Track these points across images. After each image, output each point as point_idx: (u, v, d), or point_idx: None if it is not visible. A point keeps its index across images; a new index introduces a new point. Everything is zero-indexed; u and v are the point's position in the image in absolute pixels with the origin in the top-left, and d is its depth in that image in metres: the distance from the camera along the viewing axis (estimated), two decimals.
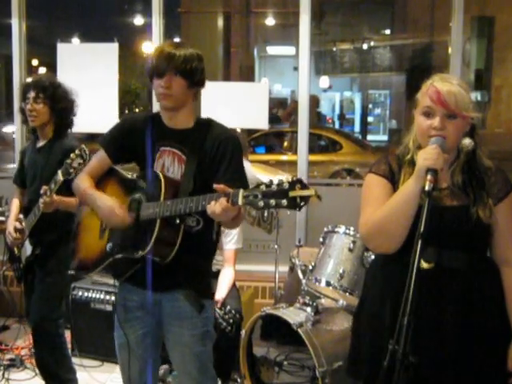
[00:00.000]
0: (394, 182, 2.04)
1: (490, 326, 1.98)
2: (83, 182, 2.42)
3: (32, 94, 3.16)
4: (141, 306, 2.39)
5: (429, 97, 1.94)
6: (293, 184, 1.80)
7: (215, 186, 1.97)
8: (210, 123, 2.36)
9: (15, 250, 3.29)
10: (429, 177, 1.80)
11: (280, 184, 1.82)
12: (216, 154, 2.27)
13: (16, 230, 3.21)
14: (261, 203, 1.84)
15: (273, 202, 1.82)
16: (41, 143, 3.26)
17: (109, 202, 2.27)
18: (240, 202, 1.89)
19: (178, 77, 2.23)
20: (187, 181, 2.24)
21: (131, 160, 2.44)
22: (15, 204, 3.38)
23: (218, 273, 3.66)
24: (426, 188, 1.79)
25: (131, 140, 2.36)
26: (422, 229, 1.73)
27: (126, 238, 2.26)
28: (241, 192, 1.90)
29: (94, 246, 2.41)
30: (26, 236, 3.20)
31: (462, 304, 1.97)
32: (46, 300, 3.19)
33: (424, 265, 1.94)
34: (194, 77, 2.26)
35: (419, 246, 1.71)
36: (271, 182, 1.85)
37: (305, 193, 1.80)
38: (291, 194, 1.80)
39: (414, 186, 1.87)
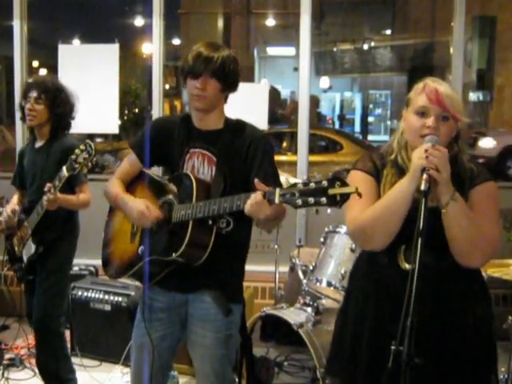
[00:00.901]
0: (378, 179, 2.03)
1: (467, 326, 1.98)
2: (114, 187, 2.41)
3: (34, 94, 3.16)
4: (166, 307, 2.37)
5: (426, 96, 1.94)
6: (332, 181, 1.79)
7: (255, 181, 1.95)
8: (239, 124, 2.36)
9: (16, 249, 3.30)
10: (424, 176, 1.80)
11: (318, 182, 1.81)
12: (247, 154, 2.26)
13: (13, 211, 3.20)
14: (299, 201, 1.82)
15: (311, 199, 1.80)
16: (39, 143, 3.26)
17: (140, 203, 2.27)
18: (277, 200, 1.88)
19: (214, 79, 2.23)
20: (218, 182, 2.23)
21: (161, 163, 2.44)
22: (15, 198, 3.39)
23: None
24: (422, 187, 1.78)
25: (162, 142, 2.34)
26: (420, 226, 1.72)
27: (158, 241, 2.25)
28: (277, 190, 1.89)
29: (126, 250, 2.39)
30: (29, 235, 3.20)
31: (442, 303, 1.96)
32: (48, 298, 3.19)
33: (406, 265, 1.96)
34: (228, 80, 2.28)
35: (419, 244, 1.70)
36: (308, 180, 1.84)
37: (345, 190, 1.78)
38: (331, 191, 1.78)
39: (409, 186, 1.87)
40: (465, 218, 1.87)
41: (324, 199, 1.78)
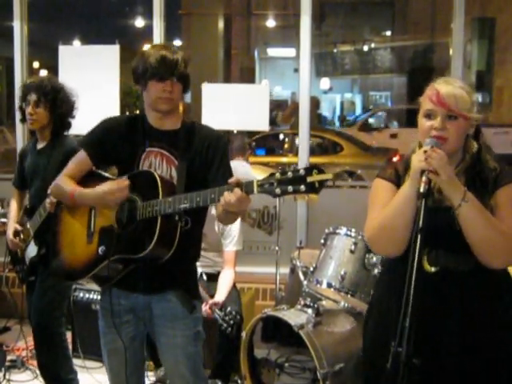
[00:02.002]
0: (399, 185, 2.03)
1: (491, 329, 1.97)
2: (66, 184, 2.37)
3: (33, 98, 3.15)
4: (129, 309, 2.38)
5: (428, 98, 1.95)
6: (309, 170, 1.84)
7: (230, 180, 1.98)
8: (196, 125, 2.40)
9: (18, 251, 3.30)
10: (423, 178, 1.81)
11: (295, 171, 1.85)
12: (207, 153, 2.30)
13: (16, 233, 3.21)
14: (277, 190, 1.87)
15: (290, 188, 1.85)
16: (40, 145, 3.26)
17: (103, 185, 2.25)
18: (255, 190, 1.92)
19: (178, 82, 2.28)
20: (181, 180, 2.26)
21: (112, 162, 2.42)
22: (13, 208, 3.39)
23: (217, 275, 3.66)
24: (421, 190, 1.80)
25: (113, 141, 2.34)
26: (418, 228, 1.74)
27: (123, 239, 2.23)
28: (255, 181, 1.92)
29: (82, 251, 2.36)
30: (31, 237, 3.20)
31: (467, 306, 1.96)
32: (47, 298, 3.19)
33: (430, 268, 1.96)
34: (188, 82, 2.34)
35: (418, 245, 1.72)
36: (285, 170, 1.87)
37: (323, 177, 1.83)
38: (309, 179, 1.83)
39: (408, 188, 1.88)
40: (479, 219, 1.87)
41: (303, 187, 1.83)
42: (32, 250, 3.20)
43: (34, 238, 3.17)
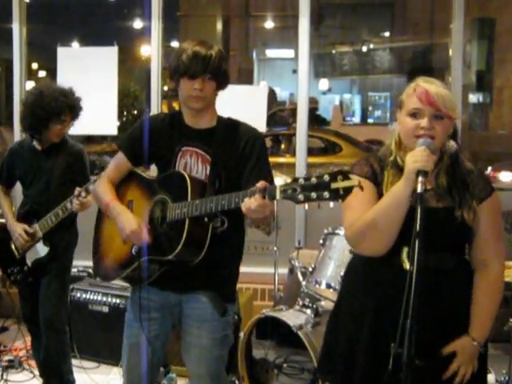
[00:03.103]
0: (376, 183, 2.02)
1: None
2: (105, 193, 2.37)
3: (68, 118, 3.16)
4: (160, 307, 2.36)
5: (417, 97, 1.94)
6: (334, 175, 1.76)
7: (257, 185, 1.93)
8: (232, 122, 2.36)
9: (16, 253, 3.29)
10: (420, 179, 1.80)
11: (320, 177, 1.78)
12: (243, 152, 2.26)
13: (27, 233, 3.20)
14: (300, 196, 1.80)
15: (314, 194, 1.78)
16: (40, 146, 3.25)
17: (132, 221, 2.24)
18: (278, 196, 1.86)
19: (211, 80, 2.23)
20: (214, 180, 2.22)
21: (151, 161, 2.42)
22: (7, 203, 3.37)
23: None
24: (419, 190, 1.78)
25: (151, 141, 2.33)
26: (417, 229, 1.73)
27: (154, 240, 2.23)
28: (278, 186, 1.87)
29: (119, 251, 2.37)
30: (39, 239, 3.20)
31: (445, 304, 1.97)
32: (58, 298, 3.22)
33: (409, 266, 1.96)
34: (223, 79, 2.28)
35: (416, 245, 1.71)
36: (309, 175, 1.82)
37: (348, 183, 1.75)
38: (333, 185, 1.75)
39: (404, 189, 1.86)
40: None
41: (327, 193, 1.76)
42: (40, 251, 3.20)
43: (43, 239, 3.18)
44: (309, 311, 3.32)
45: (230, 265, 2.40)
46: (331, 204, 1.84)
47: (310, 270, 3.42)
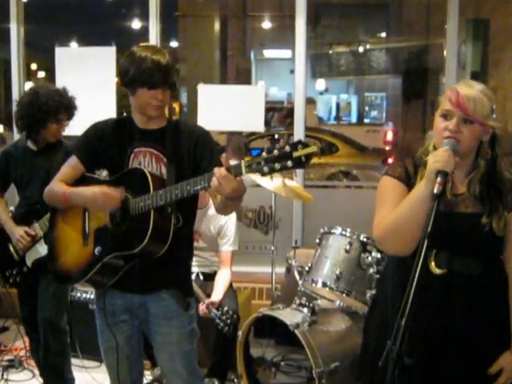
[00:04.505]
0: (409, 184, 2.01)
1: (496, 334, 1.99)
2: (59, 186, 2.38)
3: (64, 117, 3.20)
4: (126, 309, 2.41)
5: (448, 98, 1.93)
6: (294, 145, 1.85)
7: (223, 155, 2.03)
8: (181, 122, 2.43)
9: (15, 255, 3.29)
10: (438, 179, 1.77)
11: (281, 148, 1.87)
12: (195, 150, 2.32)
13: (29, 234, 3.21)
14: (266, 168, 1.88)
15: (277, 165, 1.87)
16: (35, 146, 3.26)
17: (97, 187, 2.26)
18: (244, 171, 1.93)
19: (168, 89, 2.29)
20: (172, 176, 2.27)
21: (102, 165, 2.44)
22: (2, 206, 3.36)
23: (214, 274, 3.69)
24: (435, 191, 1.76)
25: (103, 144, 2.36)
26: (428, 229, 1.72)
27: (118, 237, 2.26)
28: (242, 162, 1.94)
29: (79, 254, 2.38)
30: (40, 238, 3.21)
31: (472, 310, 1.96)
32: (59, 298, 3.25)
33: (436, 270, 1.96)
34: (176, 89, 2.36)
35: (424, 246, 1.70)
36: (270, 148, 1.89)
37: (308, 150, 1.85)
38: (295, 154, 1.85)
39: (424, 189, 1.85)
40: None
41: (290, 162, 1.85)
42: (40, 250, 3.21)
43: (44, 239, 3.19)
44: (305, 310, 3.34)
45: (185, 260, 2.47)
46: (295, 171, 1.93)
47: (307, 269, 3.44)
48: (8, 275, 3.32)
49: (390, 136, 10.63)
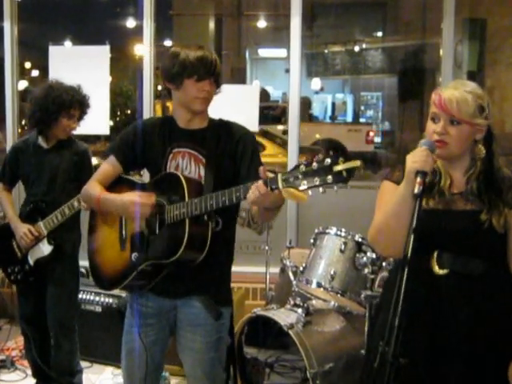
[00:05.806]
0: None
1: (500, 334, 1.97)
2: (95, 188, 2.34)
3: (77, 113, 3.21)
4: (156, 312, 2.37)
5: (432, 102, 1.96)
6: (335, 158, 1.75)
7: (260, 168, 1.93)
8: (223, 122, 2.38)
9: (18, 252, 3.28)
10: (418, 179, 1.79)
11: (321, 161, 1.76)
12: (236, 151, 2.28)
13: (32, 233, 3.19)
14: (304, 183, 1.79)
15: (317, 180, 1.77)
16: (45, 144, 3.25)
17: (130, 194, 2.24)
18: (280, 185, 1.86)
19: (214, 83, 2.27)
20: (209, 179, 2.22)
21: (142, 166, 2.42)
22: (9, 202, 3.36)
23: None
24: (415, 191, 1.78)
25: (141, 144, 2.33)
26: (412, 227, 1.73)
27: (153, 245, 2.22)
28: (279, 176, 1.87)
29: (117, 259, 2.35)
30: (43, 237, 3.20)
31: (475, 309, 1.96)
32: (69, 298, 3.26)
33: (439, 271, 1.96)
34: (220, 84, 2.33)
35: (410, 245, 1.72)
36: (309, 161, 1.79)
37: (351, 164, 1.74)
38: (335, 168, 1.74)
39: (404, 190, 1.87)
40: None
41: (330, 177, 1.74)
42: (44, 250, 3.19)
43: (47, 238, 3.18)
44: (300, 310, 3.33)
45: (222, 267, 2.40)
46: (335, 187, 1.81)
47: (301, 269, 3.43)
48: (10, 272, 3.33)
49: (371, 135, 10.60)
